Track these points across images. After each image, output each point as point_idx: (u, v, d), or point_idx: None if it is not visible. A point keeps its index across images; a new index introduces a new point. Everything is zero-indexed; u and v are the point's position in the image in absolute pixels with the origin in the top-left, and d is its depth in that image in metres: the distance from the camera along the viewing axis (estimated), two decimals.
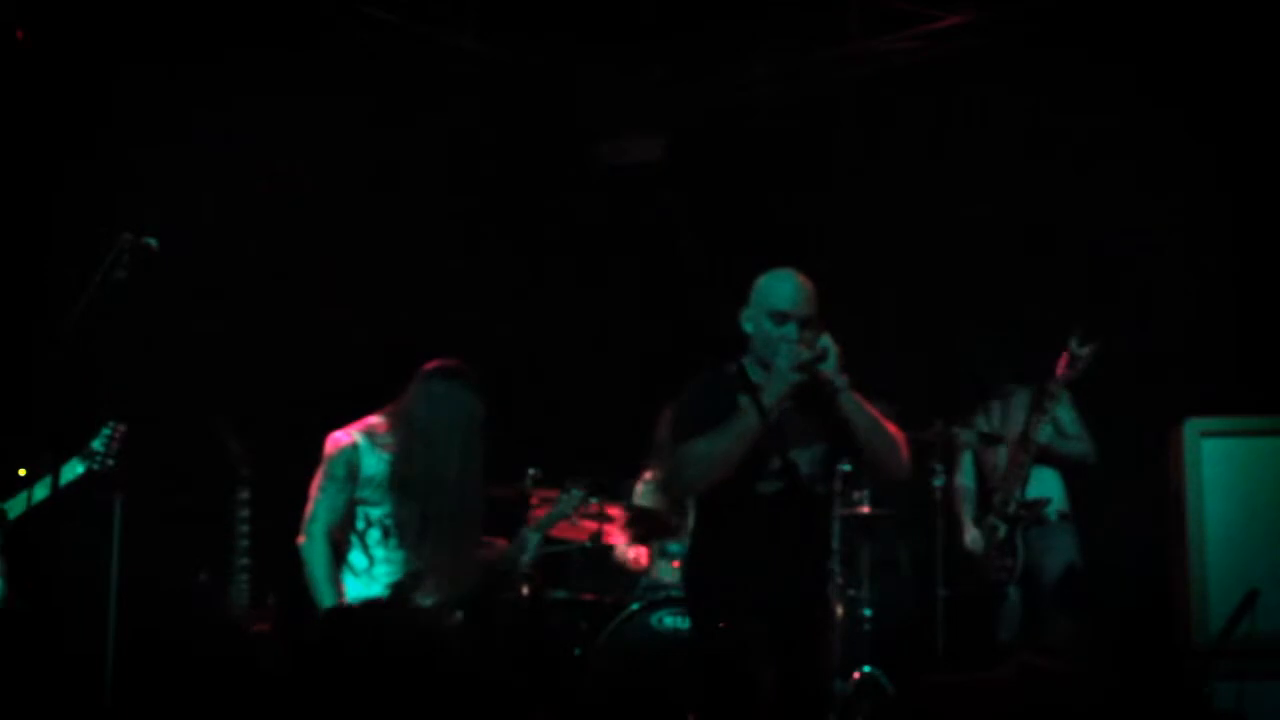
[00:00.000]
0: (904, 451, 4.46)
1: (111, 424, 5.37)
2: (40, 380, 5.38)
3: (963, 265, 7.37)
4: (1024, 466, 6.35)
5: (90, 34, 6.51)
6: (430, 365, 5.23)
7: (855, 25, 7.19)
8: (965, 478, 6.75)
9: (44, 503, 5.16)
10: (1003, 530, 6.38)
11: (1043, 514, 6.36)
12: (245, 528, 6.25)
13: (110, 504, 5.60)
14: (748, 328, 4.49)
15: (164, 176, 6.52)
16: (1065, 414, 6.40)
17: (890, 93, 7.45)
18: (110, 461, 5.35)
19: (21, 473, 5.27)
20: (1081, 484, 6.55)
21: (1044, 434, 6.33)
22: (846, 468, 6.11)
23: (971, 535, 6.54)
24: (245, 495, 6.27)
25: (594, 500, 6.35)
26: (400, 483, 5.08)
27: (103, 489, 5.51)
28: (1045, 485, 6.45)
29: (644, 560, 6.69)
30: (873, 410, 4.40)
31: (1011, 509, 6.35)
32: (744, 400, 4.32)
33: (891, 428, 4.44)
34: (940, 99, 7.41)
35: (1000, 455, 6.55)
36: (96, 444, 5.35)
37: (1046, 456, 6.40)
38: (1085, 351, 6.15)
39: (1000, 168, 7.32)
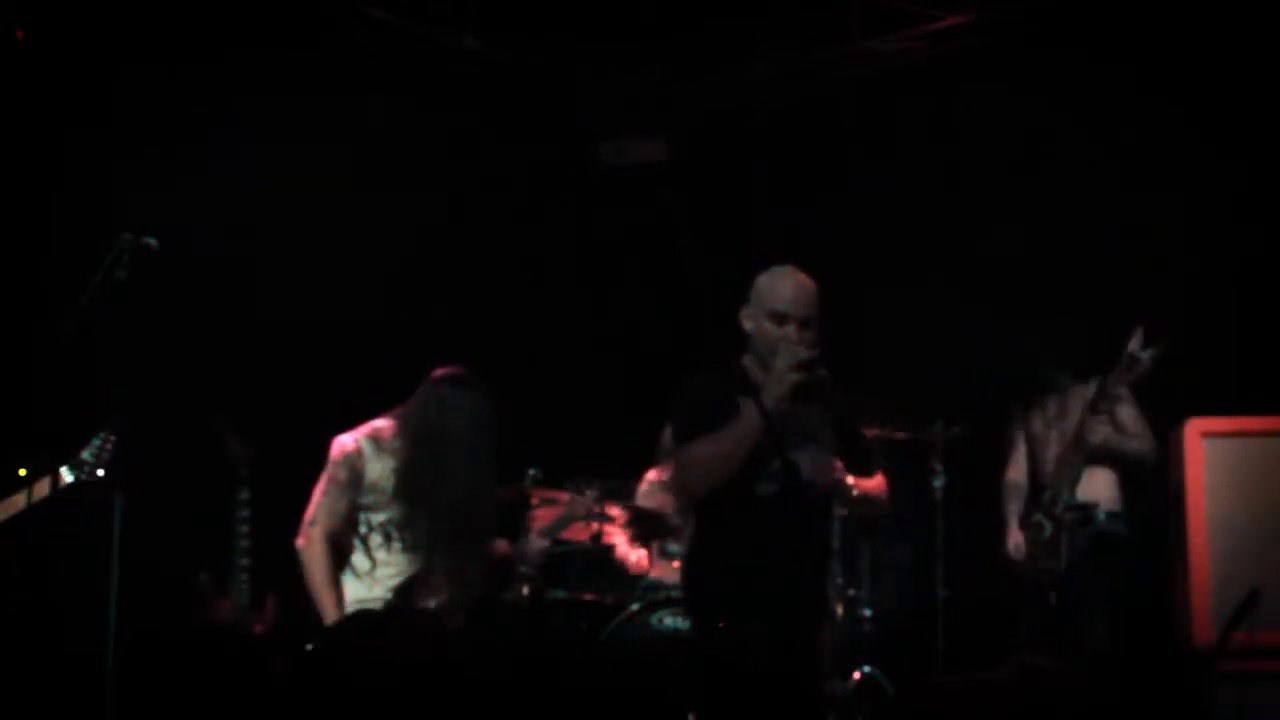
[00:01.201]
0: (885, 500, 4.60)
1: (102, 435, 5.37)
2: (40, 380, 5.38)
3: (962, 265, 7.37)
4: (1075, 466, 6.12)
5: (90, 34, 6.51)
6: (440, 372, 5.22)
7: (855, 25, 7.19)
8: (1018, 472, 6.47)
9: (38, 507, 5.16)
10: (1049, 529, 6.20)
11: (1091, 516, 6.12)
12: (245, 528, 6.26)
13: (110, 504, 5.60)
14: (747, 327, 4.46)
15: (164, 176, 6.51)
16: (1126, 412, 6.15)
17: (890, 93, 7.45)
18: (100, 472, 5.34)
19: (22, 473, 5.27)
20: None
21: (1100, 432, 6.11)
22: None
23: (1014, 542, 6.32)
24: (245, 495, 6.28)
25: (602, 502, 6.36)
26: (408, 487, 5.07)
27: (103, 489, 5.51)
28: (1099, 486, 6.19)
29: (644, 562, 6.69)
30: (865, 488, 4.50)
31: (1059, 510, 6.14)
32: (745, 401, 4.30)
33: (877, 482, 4.56)
34: (940, 99, 7.41)
35: (1052, 452, 6.33)
36: (87, 454, 5.35)
37: (1104, 455, 6.15)
38: (1147, 355, 5.89)
39: (999, 168, 7.32)
